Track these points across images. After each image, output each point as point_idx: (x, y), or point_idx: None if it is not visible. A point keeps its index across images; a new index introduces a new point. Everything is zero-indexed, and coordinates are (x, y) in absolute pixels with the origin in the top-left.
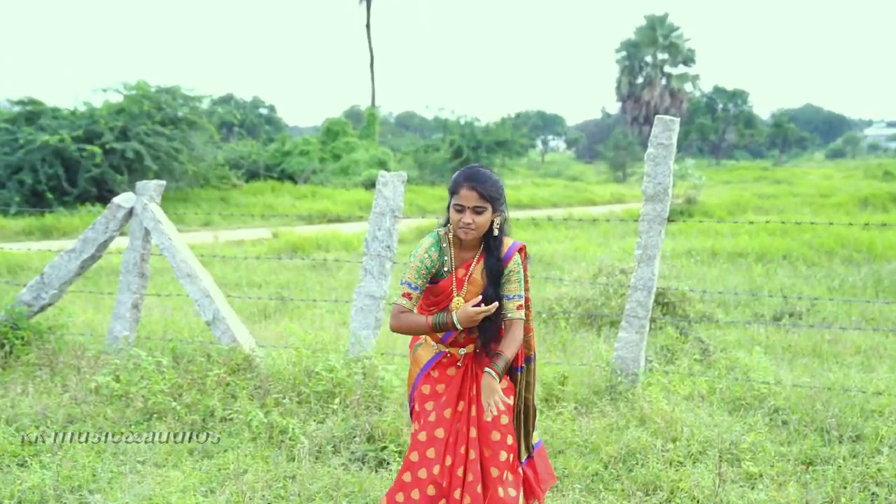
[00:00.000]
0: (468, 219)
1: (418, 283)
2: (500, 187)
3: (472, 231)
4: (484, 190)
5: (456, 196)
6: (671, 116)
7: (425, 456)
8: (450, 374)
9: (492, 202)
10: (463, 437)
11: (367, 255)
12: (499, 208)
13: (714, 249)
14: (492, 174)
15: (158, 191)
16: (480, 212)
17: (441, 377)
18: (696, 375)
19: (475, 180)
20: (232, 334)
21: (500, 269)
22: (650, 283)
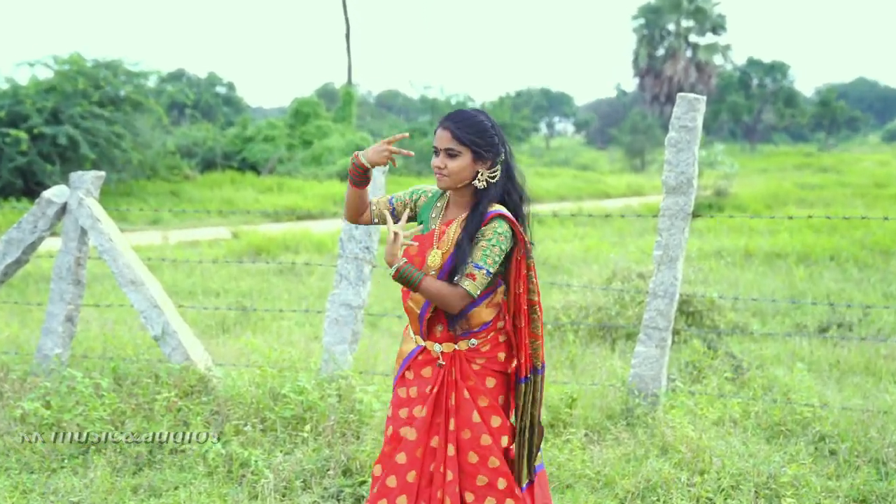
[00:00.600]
0: (439, 161)
1: (397, 194)
2: (485, 131)
3: (445, 178)
4: (458, 130)
5: (435, 138)
6: (697, 94)
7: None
8: (425, 376)
9: (470, 146)
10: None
11: (342, 257)
12: (483, 156)
13: (748, 249)
14: (478, 115)
15: (97, 183)
16: (454, 155)
17: (416, 379)
18: (728, 397)
19: (451, 119)
20: (184, 351)
21: (475, 227)
22: (672, 288)
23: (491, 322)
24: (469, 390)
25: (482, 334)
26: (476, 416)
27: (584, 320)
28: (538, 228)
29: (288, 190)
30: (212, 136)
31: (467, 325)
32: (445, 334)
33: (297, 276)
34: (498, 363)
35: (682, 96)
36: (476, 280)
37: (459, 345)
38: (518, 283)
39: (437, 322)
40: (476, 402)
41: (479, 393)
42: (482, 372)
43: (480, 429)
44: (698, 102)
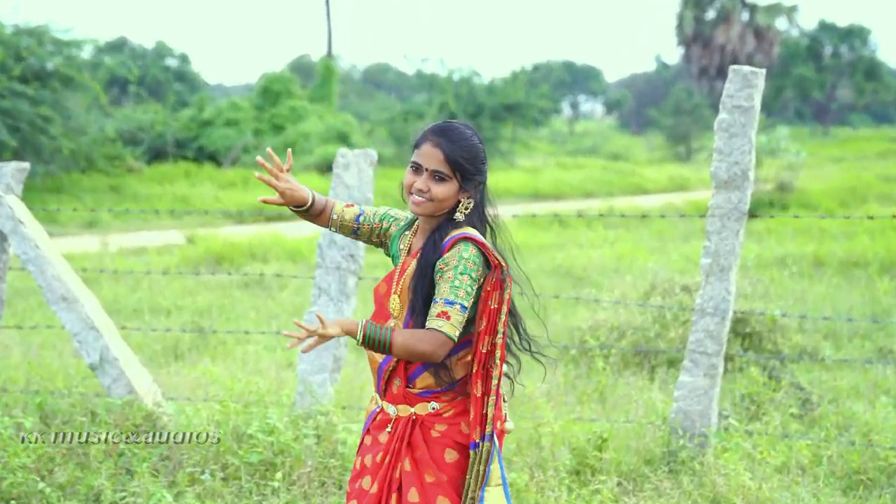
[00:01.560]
0: (422, 184)
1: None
2: (478, 156)
3: (426, 204)
4: (452, 151)
5: (416, 151)
6: (754, 66)
7: None
8: (381, 441)
9: (461, 171)
10: None
11: (321, 267)
12: (470, 186)
13: (818, 257)
14: (473, 136)
15: (19, 177)
16: (441, 179)
17: (373, 444)
18: (794, 437)
19: (444, 136)
20: (127, 382)
21: (435, 256)
22: (724, 304)
23: (459, 382)
24: (414, 462)
25: (446, 397)
26: (414, 494)
27: (616, 343)
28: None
29: (255, 185)
30: (161, 119)
31: (429, 382)
32: (402, 392)
33: (267, 291)
34: (461, 434)
35: (736, 69)
36: (451, 318)
37: (417, 408)
38: (481, 319)
39: (395, 376)
40: (421, 477)
41: (426, 467)
42: (441, 441)
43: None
44: (756, 77)
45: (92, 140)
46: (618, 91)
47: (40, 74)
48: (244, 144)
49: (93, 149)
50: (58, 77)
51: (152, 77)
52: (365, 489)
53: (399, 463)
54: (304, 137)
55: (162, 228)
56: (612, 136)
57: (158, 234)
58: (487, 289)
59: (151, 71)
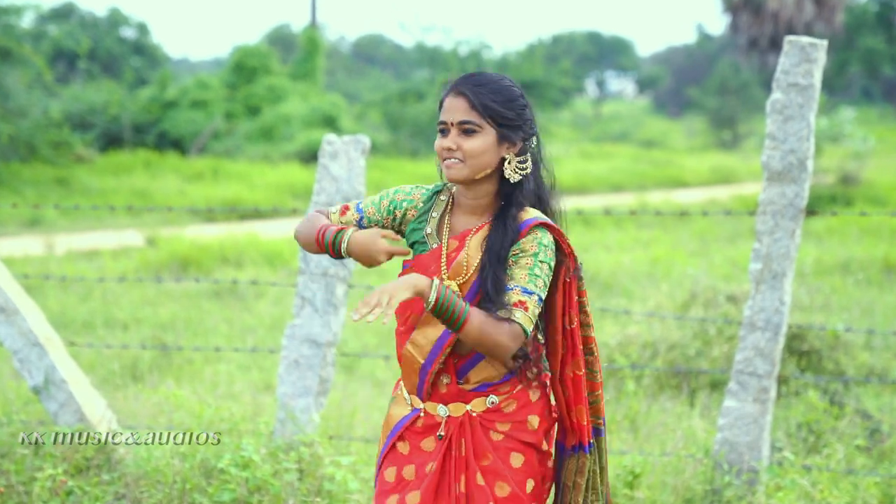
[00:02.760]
0: (450, 141)
1: (368, 210)
2: (515, 100)
3: (459, 165)
4: (479, 96)
5: (441, 109)
6: (814, 38)
7: None
8: (424, 450)
9: (494, 118)
10: None
11: (304, 273)
12: (511, 136)
13: (889, 261)
14: (505, 79)
15: None
16: (472, 131)
17: (412, 454)
18: (860, 473)
19: (468, 82)
20: (77, 408)
21: (508, 241)
22: (777, 317)
23: (518, 371)
24: (485, 473)
25: (505, 388)
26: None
27: (650, 363)
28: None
29: (227, 177)
30: (116, 99)
31: (485, 375)
32: (454, 389)
33: (241, 300)
34: (528, 432)
35: (792, 41)
36: (529, 310)
37: (473, 404)
38: (569, 314)
39: (443, 373)
40: (493, 492)
41: (498, 477)
42: (506, 444)
43: None
44: (816, 49)
45: (34, 124)
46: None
47: None
48: (214, 129)
49: (35, 134)
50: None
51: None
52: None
53: (462, 475)
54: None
55: (118, 228)
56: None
57: (114, 234)
58: (565, 279)
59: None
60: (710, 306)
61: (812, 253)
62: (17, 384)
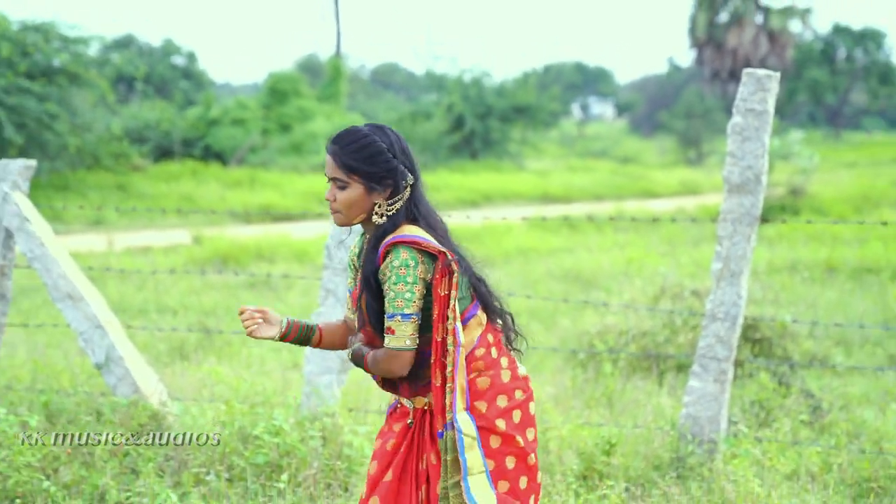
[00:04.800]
0: (329, 194)
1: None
2: (378, 154)
3: (337, 214)
4: (343, 154)
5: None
6: (768, 70)
7: None
8: (396, 431)
9: (359, 174)
10: None
11: (329, 268)
12: (377, 186)
13: (830, 263)
14: (370, 135)
15: (26, 174)
16: (342, 186)
17: (389, 432)
18: (804, 444)
19: (336, 142)
20: (133, 382)
21: (373, 268)
22: (735, 309)
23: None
24: (437, 454)
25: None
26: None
27: (624, 348)
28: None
29: (262, 185)
30: (168, 117)
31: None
32: (407, 387)
33: (274, 291)
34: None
35: (749, 73)
36: (395, 332)
37: (429, 397)
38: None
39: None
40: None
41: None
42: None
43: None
44: (770, 80)
45: (98, 138)
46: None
47: (47, 71)
48: (251, 144)
49: (99, 146)
50: (64, 74)
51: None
52: (371, 473)
53: (424, 455)
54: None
55: (168, 227)
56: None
57: (164, 233)
58: (436, 276)
59: (158, 69)
60: (677, 300)
61: (765, 255)
62: (82, 361)
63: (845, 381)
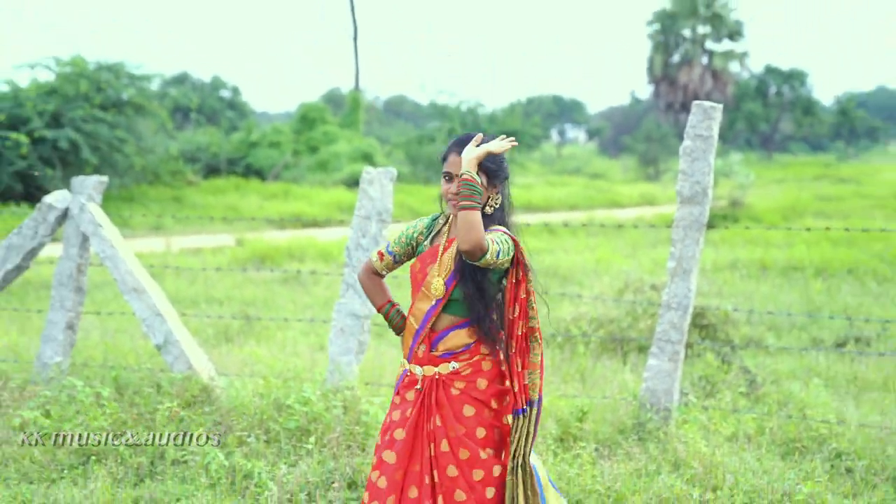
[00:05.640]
0: (455, 188)
1: (395, 249)
2: (499, 156)
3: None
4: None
5: (445, 163)
6: (713, 102)
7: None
8: (408, 399)
9: (484, 170)
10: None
11: (349, 266)
12: (495, 182)
13: (764, 262)
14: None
15: (99, 188)
16: None
17: (402, 402)
18: (742, 412)
19: (465, 145)
20: (187, 360)
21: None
22: (686, 300)
23: (472, 344)
24: (442, 418)
25: (464, 356)
26: (445, 445)
27: (595, 332)
28: (549, 238)
29: (293, 197)
30: (216, 141)
31: (449, 345)
32: (427, 356)
33: (303, 285)
34: (478, 390)
35: (697, 104)
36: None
37: (440, 368)
38: (514, 306)
39: (421, 342)
40: (447, 432)
41: (452, 422)
42: (460, 398)
43: (448, 459)
44: (714, 111)
45: (159, 158)
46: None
47: (117, 103)
48: (285, 162)
49: (159, 165)
50: (131, 105)
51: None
52: (397, 438)
53: (431, 417)
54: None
55: (215, 232)
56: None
57: (212, 237)
58: (513, 281)
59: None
60: (639, 292)
61: (710, 255)
62: (145, 343)
63: (776, 360)
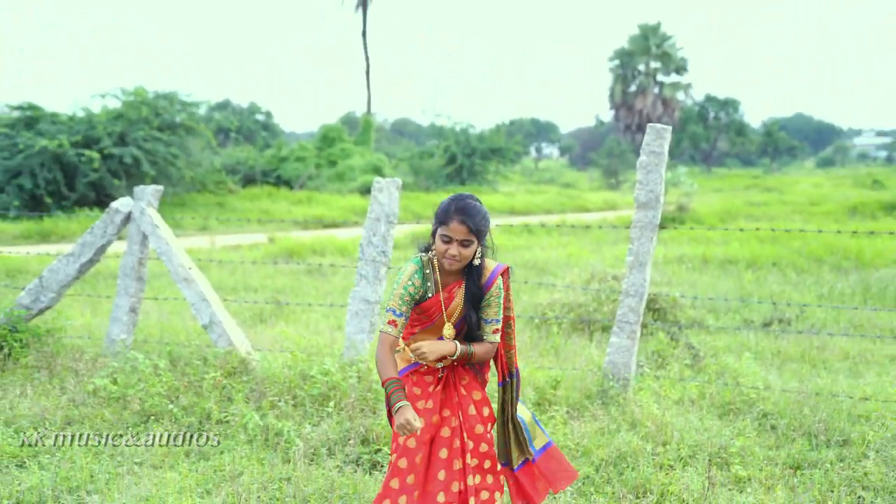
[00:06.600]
0: (454, 251)
1: (403, 309)
2: (488, 219)
3: (458, 263)
4: (474, 224)
5: (444, 227)
6: (663, 125)
7: (414, 462)
8: (427, 380)
9: (479, 235)
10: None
11: (362, 260)
12: (483, 239)
13: (705, 256)
14: (481, 207)
15: (156, 196)
16: (468, 245)
17: (418, 381)
18: (687, 380)
19: (466, 214)
20: (228, 338)
21: (480, 294)
22: (642, 289)
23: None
24: (465, 388)
25: None
26: (472, 408)
27: (566, 315)
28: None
29: (316, 202)
30: (252, 156)
31: None
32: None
33: (324, 276)
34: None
35: (650, 126)
36: (498, 332)
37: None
38: (508, 306)
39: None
40: (471, 396)
41: (472, 388)
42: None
43: (475, 420)
44: (665, 132)
45: (205, 171)
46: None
47: (171, 125)
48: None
49: (205, 177)
50: (183, 127)
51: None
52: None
53: (455, 392)
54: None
55: (251, 232)
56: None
57: (249, 236)
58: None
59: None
60: (602, 282)
61: (662, 251)
62: (194, 323)
63: (715, 338)
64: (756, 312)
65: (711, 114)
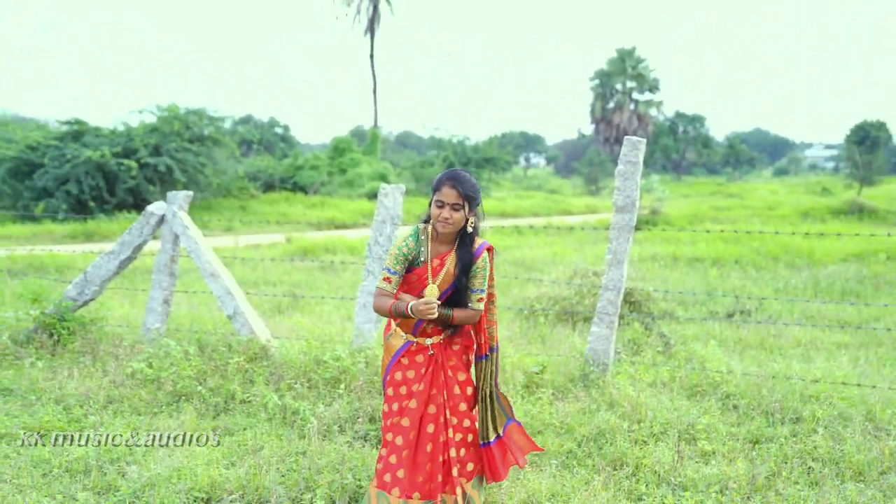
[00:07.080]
0: (447, 214)
1: (397, 268)
2: (478, 189)
3: (450, 225)
4: (463, 189)
5: (438, 193)
6: (638, 137)
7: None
8: (418, 361)
9: (468, 201)
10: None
11: (369, 257)
12: (474, 208)
13: (675, 255)
14: (471, 176)
15: (186, 200)
16: (458, 209)
17: (410, 364)
18: (659, 365)
19: (456, 180)
20: (250, 327)
21: (471, 261)
22: (619, 283)
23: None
24: (451, 369)
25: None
26: (457, 388)
27: (552, 307)
28: (518, 237)
29: (328, 206)
30: (271, 165)
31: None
32: (434, 330)
33: (335, 272)
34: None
35: (627, 139)
36: (482, 301)
37: (443, 335)
38: (491, 283)
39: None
40: (456, 378)
41: (457, 370)
42: (459, 351)
43: (459, 398)
44: (640, 143)
45: (229, 178)
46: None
47: (200, 138)
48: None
49: (230, 183)
50: (210, 139)
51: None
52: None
53: (441, 371)
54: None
55: (271, 232)
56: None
57: (269, 236)
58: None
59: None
60: (584, 277)
61: (637, 250)
62: (220, 314)
63: (684, 327)
64: (720, 305)
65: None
